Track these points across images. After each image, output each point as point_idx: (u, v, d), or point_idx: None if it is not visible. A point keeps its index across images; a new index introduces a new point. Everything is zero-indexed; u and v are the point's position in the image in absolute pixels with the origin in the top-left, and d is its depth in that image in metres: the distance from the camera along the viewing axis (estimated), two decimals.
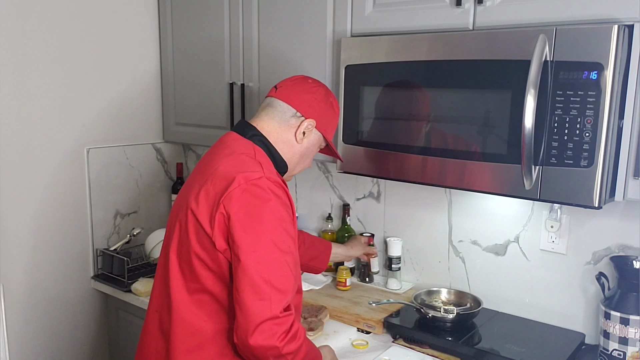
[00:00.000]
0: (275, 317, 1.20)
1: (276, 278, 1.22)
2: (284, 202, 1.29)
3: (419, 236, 2.01)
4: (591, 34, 1.25)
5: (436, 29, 1.54)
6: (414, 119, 1.56)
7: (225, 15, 2.08)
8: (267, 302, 1.20)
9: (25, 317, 2.13)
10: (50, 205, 2.16)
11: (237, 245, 1.23)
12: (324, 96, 1.46)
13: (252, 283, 1.21)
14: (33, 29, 2.04)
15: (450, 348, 1.59)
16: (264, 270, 1.22)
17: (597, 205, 1.29)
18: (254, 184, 1.26)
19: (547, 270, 1.73)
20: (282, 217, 1.27)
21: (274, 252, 1.24)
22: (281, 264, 1.24)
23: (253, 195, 1.25)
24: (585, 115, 1.27)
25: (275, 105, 1.43)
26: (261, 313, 1.20)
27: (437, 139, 1.53)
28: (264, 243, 1.23)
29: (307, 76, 1.51)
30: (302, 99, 1.42)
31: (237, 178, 1.26)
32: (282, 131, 1.42)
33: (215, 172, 1.31)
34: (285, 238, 1.26)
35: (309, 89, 1.44)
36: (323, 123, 1.45)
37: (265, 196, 1.25)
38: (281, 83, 1.47)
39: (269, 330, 1.19)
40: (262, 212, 1.25)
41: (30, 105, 2.06)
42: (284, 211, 1.28)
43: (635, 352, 1.45)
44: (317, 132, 1.45)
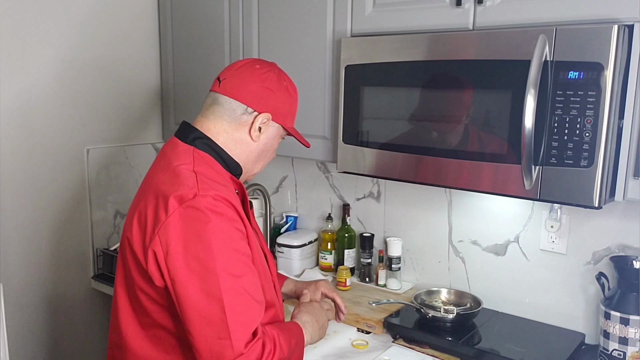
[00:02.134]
0: (240, 355, 1.08)
1: (234, 310, 1.09)
2: (228, 218, 1.13)
3: (419, 236, 2.01)
4: (591, 34, 1.25)
5: (436, 29, 1.54)
6: (414, 119, 1.56)
7: (225, 15, 2.08)
8: (228, 340, 1.07)
9: (25, 317, 2.13)
10: (50, 205, 2.16)
11: (181, 283, 1.09)
12: (277, 82, 1.27)
13: (207, 322, 1.08)
14: (33, 28, 2.04)
15: (450, 348, 1.59)
16: (218, 305, 1.08)
17: (597, 205, 1.29)
18: (189, 205, 1.10)
19: (547, 270, 1.73)
20: (229, 236, 1.12)
21: (226, 280, 1.09)
22: (237, 292, 1.10)
23: (191, 220, 1.10)
24: (585, 115, 1.27)
25: (222, 103, 1.25)
26: (225, 353, 1.07)
27: (436, 139, 1.53)
28: (212, 274, 1.08)
29: (254, 59, 1.32)
30: (251, 91, 1.24)
31: (170, 201, 1.11)
32: (233, 131, 1.25)
33: (147, 192, 1.17)
34: (236, 260, 1.12)
35: (258, 76, 1.25)
36: (280, 113, 1.28)
37: (203, 218, 1.09)
38: (224, 73, 1.27)
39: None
40: (203, 238, 1.09)
41: (30, 105, 2.07)
42: (230, 228, 1.13)
43: (635, 352, 1.45)
44: (275, 124, 1.29)
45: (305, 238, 2.20)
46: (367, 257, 2.07)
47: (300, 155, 1.90)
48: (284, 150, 1.93)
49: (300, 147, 1.88)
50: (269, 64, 1.32)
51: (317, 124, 1.83)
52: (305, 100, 1.84)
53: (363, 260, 2.08)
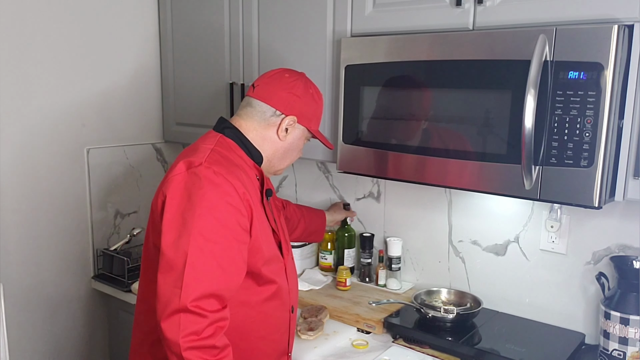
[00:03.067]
0: (184, 309, 1.16)
1: (194, 267, 1.19)
2: (222, 191, 1.25)
3: (419, 236, 2.01)
4: (591, 34, 1.25)
5: (436, 29, 1.54)
6: (414, 119, 1.56)
7: (226, 15, 2.08)
8: (179, 290, 1.17)
9: (25, 317, 2.13)
10: (51, 205, 2.16)
11: (163, 232, 1.23)
12: (303, 89, 1.44)
13: (169, 269, 1.20)
14: (33, 28, 2.04)
15: (450, 348, 1.59)
16: (182, 257, 1.19)
17: (597, 205, 1.29)
18: (193, 172, 1.26)
19: (547, 270, 1.73)
20: (215, 205, 1.23)
21: (197, 240, 1.20)
22: (204, 254, 1.21)
23: (188, 182, 1.25)
24: (585, 115, 1.27)
25: (254, 105, 1.42)
26: (172, 300, 1.17)
27: (437, 139, 1.53)
28: (187, 230, 1.21)
29: (284, 69, 1.48)
30: (280, 96, 1.41)
31: (179, 164, 1.28)
32: (262, 130, 1.42)
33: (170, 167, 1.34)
34: (214, 227, 1.22)
35: (287, 85, 1.42)
36: (305, 117, 1.44)
37: (198, 184, 1.24)
38: (258, 81, 1.45)
39: (176, 324, 1.16)
40: (192, 200, 1.22)
41: (30, 105, 2.07)
42: (220, 200, 1.24)
43: (635, 352, 1.45)
44: (300, 126, 1.45)
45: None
46: (367, 257, 2.08)
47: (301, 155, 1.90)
48: None
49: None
50: (297, 73, 1.48)
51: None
52: None
53: (363, 260, 2.08)
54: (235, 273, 1.27)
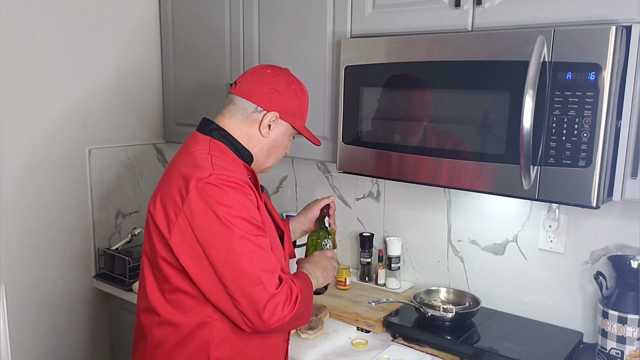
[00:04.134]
0: (272, 295, 1.25)
1: (258, 262, 1.26)
2: (242, 191, 1.29)
3: (418, 236, 2.02)
4: (589, 35, 1.26)
5: (435, 30, 1.55)
6: (414, 120, 1.57)
7: (226, 16, 2.09)
8: (261, 285, 1.25)
9: (27, 316, 2.14)
10: (52, 205, 2.17)
11: (211, 247, 1.26)
12: (285, 84, 1.42)
13: (241, 275, 1.25)
14: (35, 29, 2.05)
15: (449, 347, 1.60)
16: (245, 260, 1.25)
17: (595, 205, 1.30)
18: (206, 182, 1.26)
19: (546, 269, 1.74)
20: (243, 205, 1.28)
21: (246, 240, 1.26)
22: (257, 247, 1.27)
23: (209, 194, 1.26)
24: (583, 116, 1.28)
25: (236, 102, 1.42)
26: (261, 297, 1.24)
27: (436, 139, 1.53)
28: (235, 236, 1.25)
29: (267, 65, 1.47)
30: (260, 92, 1.40)
31: (191, 182, 1.27)
32: (245, 127, 1.41)
33: (170, 175, 1.35)
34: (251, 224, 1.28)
35: (268, 80, 1.41)
36: (288, 112, 1.42)
37: (220, 192, 1.26)
38: (240, 78, 1.45)
39: (273, 309, 1.25)
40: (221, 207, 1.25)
41: (31, 105, 2.07)
42: (244, 199, 1.29)
43: (633, 351, 1.45)
44: (283, 122, 1.43)
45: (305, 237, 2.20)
46: (366, 256, 2.08)
47: (301, 155, 1.91)
48: None
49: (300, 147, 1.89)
50: (280, 69, 1.45)
51: (317, 124, 1.84)
52: None
53: (363, 260, 2.09)
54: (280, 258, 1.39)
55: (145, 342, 1.40)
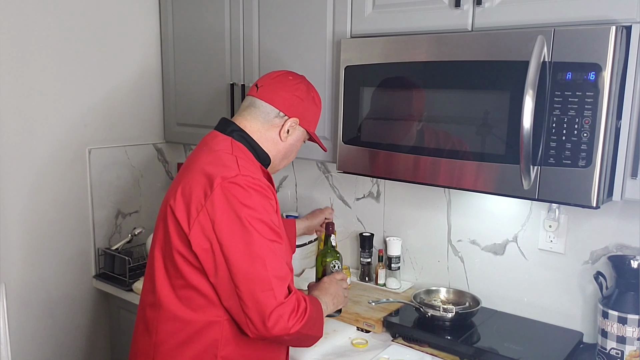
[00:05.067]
0: (280, 304, 1.26)
1: (272, 267, 1.27)
2: (265, 195, 1.32)
3: (418, 236, 2.02)
4: (589, 35, 1.26)
5: (435, 30, 1.55)
6: (414, 120, 1.57)
7: (226, 16, 2.09)
8: (271, 292, 1.26)
9: (26, 316, 2.14)
10: (52, 205, 2.17)
11: (228, 247, 1.27)
12: (306, 92, 1.47)
13: (252, 278, 1.26)
14: (35, 29, 2.05)
15: (449, 347, 1.60)
16: (260, 263, 1.26)
17: (595, 205, 1.30)
18: (231, 182, 1.28)
19: (546, 269, 1.74)
20: (265, 209, 1.30)
21: (265, 244, 1.28)
22: (273, 253, 1.29)
23: (233, 194, 1.28)
24: (583, 116, 1.28)
25: (258, 106, 1.44)
26: (269, 303, 1.26)
27: (436, 140, 1.54)
28: (254, 238, 1.27)
29: (288, 71, 1.51)
30: (284, 98, 1.44)
31: (216, 180, 1.29)
32: (265, 130, 1.44)
33: (192, 171, 1.35)
34: (270, 229, 1.30)
35: (290, 86, 1.45)
36: (306, 119, 1.48)
37: (244, 193, 1.28)
38: (262, 81, 1.47)
39: (279, 317, 1.26)
40: (244, 209, 1.27)
41: (32, 105, 2.08)
42: (266, 203, 1.31)
43: (633, 351, 1.45)
44: (301, 128, 1.49)
45: (305, 238, 2.20)
46: (366, 256, 2.09)
47: (300, 155, 1.91)
48: None
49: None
50: (299, 76, 1.51)
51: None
52: None
53: (363, 260, 2.09)
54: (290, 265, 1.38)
55: (149, 337, 1.39)
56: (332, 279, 1.59)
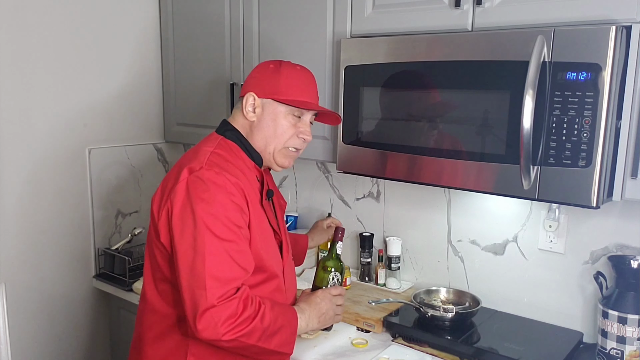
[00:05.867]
0: (212, 307, 1.21)
1: (211, 266, 1.23)
2: (227, 191, 1.28)
3: (418, 236, 2.02)
4: (589, 35, 1.26)
5: (435, 30, 1.55)
6: (414, 120, 1.57)
7: (227, 16, 2.09)
8: (204, 291, 1.21)
9: (27, 316, 2.14)
10: (52, 205, 2.17)
11: (177, 238, 1.27)
12: (261, 68, 1.44)
13: (189, 272, 1.24)
14: (35, 29, 2.05)
15: (449, 347, 1.60)
16: (201, 259, 1.23)
17: (595, 205, 1.30)
18: (196, 176, 1.28)
19: (546, 269, 1.74)
20: (222, 205, 1.27)
21: (212, 240, 1.24)
22: (219, 252, 1.25)
23: (193, 187, 1.27)
24: (583, 116, 1.28)
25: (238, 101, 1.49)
26: (200, 302, 1.21)
27: (436, 139, 1.53)
28: (201, 232, 1.24)
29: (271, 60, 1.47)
30: (245, 82, 1.45)
31: (182, 172, 1.30)
32: (241, 119, 1.44)
33: (174, 166, 1.39)
34: (226, 226, 1.26)
35: (255, 70, 1.46)
36: (265, 90, 1.40)
37: (203, 187, 1.27)
38: None
39: (210, 321, 1.21)
40: (201, 203, 1.26)
41: (32, 105, 2.08)
42: (225, 199, 1.27)
43: (633, 351, 1.45)
44: (267, 100, 1.41)
45: None
46: (366, 256, 2.09)
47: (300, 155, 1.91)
48: None
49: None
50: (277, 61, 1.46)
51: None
52: None
53: (363, 260, 2.09)
54: (249, 267, 1.31)
55: (136, 329, 1.44)
56: (327, 294, 1.50)
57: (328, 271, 1.58)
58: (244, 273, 1.29)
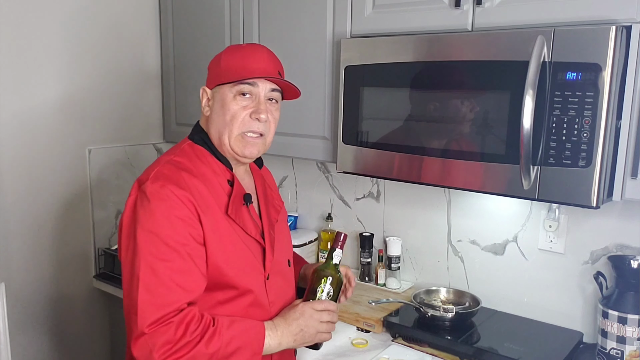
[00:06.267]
0: (142, 334, 1.12)
1: (147, 290, 1.14)
2: (169, 205, 1.17)
3: (418, 236, 2.02)
4: (589, 35, 1.26)
5: (435, 30, 1.55)
6: (413, 120, 1.57)
7: (226, 16, 2.09)
8: (135, 317, 1.13)
9: (27, 316, 2.14)
10: (52, 205, 2.17)
11: (120, 258, 1.21)
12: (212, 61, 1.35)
13: (127, 295, 1.18)
14: (34, 28, 2.05)
15: (449, 347, 1.60)
16: (135, 282, 1.15)
17: (595, 205, 1.30)
18: (141, 190, 1.20)
19: (546, 269, 1.74)
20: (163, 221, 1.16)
21: (147, 261, 1.15)
22: (156, 274, 1.14)
23: (137, 202, 1.19)
24: (583, 116, 1.28)
25: None
26: (133, 328, 1.14)
27: (436, 139, 1.53)
28: (138, 253, 1.16)
29: None
30: None
31: (134, 185, 1.23)
32: (202, 118, 1.36)
33: None
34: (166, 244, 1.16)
35: None
36: (211, 80, 1.33)
37: (144, 202, 1.18)
38: None
39: (144, 347, 1.13)
40: (142, 219, 1.17)
41: (32, 105, 2.07)
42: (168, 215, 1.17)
43: (633, 351, 1.45)
44: (216, 89, 1.31)
45: (306, 237, 2.21)
46: (366, 256, 2.08)
47: (301, 155, 1.92)
48: (284, 150, 1.94)
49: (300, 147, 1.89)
50: None
51: (317, 124, 1.84)
52: (306, 100, 1.85)
53: (363, 260, 2.09)
54: (193, 287, 1.19)
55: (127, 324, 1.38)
56: (308, 308, 1.31)
57: (319, 281, 1.36)
58: (185, 294, 1.16)
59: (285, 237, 1.48)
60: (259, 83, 1.28)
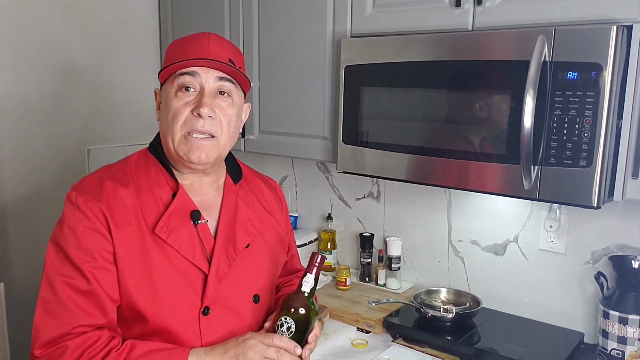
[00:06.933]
0: (34, 357, 1.04)
1: (45, 309, 1.05)
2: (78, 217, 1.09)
3: (418, 236, 2.02)
4: (590, 35, 1.25)
5: (436, 30, 1.55)
6: (414, 119, 1.57)
7: (226, 16, 2.08)
8: (33, 339, 1.05)
9: (26, 316, 2.12)
10: (51, 206, 2.16)
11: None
12: None
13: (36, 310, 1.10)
14: (34, 28, 2.04)
15: (450, 347, 1.60)
16: (39, 296, 1.07)
17: (596, 205, 1.30)
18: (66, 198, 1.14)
19: (546, 269, 1.73)
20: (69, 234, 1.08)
21: (51, 274, 1.07)
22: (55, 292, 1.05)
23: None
24: (584, 116, 1.28)
25: None
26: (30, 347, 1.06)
27: (436, 139, 1.53)
28: (45, 266, 1.09)
29: None
30: None
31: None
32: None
33: None
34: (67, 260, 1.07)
35: None
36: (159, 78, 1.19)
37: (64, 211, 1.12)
38: None
39: None
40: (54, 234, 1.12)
41: (31, 105, 2.07)
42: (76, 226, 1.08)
43: (634, 351, 1.45)
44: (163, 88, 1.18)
45: (306, 238, 2.20)
46: (366, 256, 2.08)
47: (300, 155, 1.91)
48: (284, 150, 1.94)
49: (300, 147, 1.88)
50: None
51: (317, 124, 1.84)
52: (306, 100, 1.85)
53: (363, 260, 2.09)
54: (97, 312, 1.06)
55: None
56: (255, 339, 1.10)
57: (282, 312, 1.15)
58: (87, 317, 1.04)
59: (258, 265, 1.23)
60: (200, 72, 1.10)
